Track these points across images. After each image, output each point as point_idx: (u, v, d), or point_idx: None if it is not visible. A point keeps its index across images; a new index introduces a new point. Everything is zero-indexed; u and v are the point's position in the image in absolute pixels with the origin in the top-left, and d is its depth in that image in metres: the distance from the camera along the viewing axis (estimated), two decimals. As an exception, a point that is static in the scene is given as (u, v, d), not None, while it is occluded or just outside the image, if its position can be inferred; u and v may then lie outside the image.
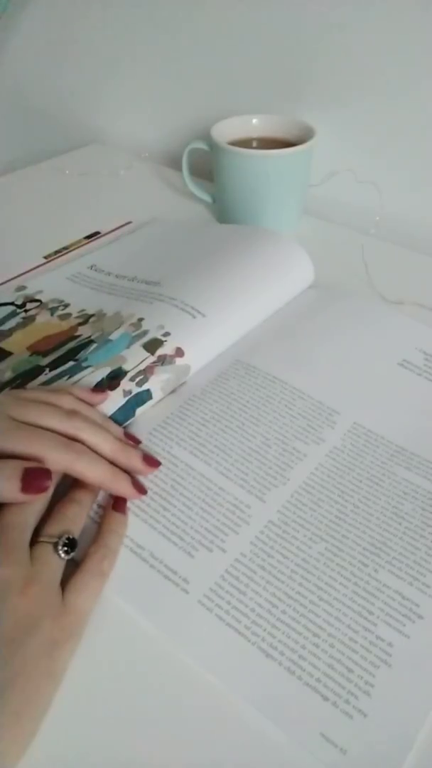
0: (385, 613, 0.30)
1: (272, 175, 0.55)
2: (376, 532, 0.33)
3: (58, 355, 0.43)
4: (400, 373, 0.43)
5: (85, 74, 0.82)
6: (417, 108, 0.56)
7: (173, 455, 0.37)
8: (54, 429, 0.32)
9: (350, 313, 0.48)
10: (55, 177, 0.72)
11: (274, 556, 0.32)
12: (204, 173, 0.63)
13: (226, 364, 0.43)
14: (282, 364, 0.43)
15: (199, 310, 0.43)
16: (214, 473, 0.36)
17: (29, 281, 0.52)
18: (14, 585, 0.27)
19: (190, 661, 0.28)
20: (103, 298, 0.49)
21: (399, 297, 0.51)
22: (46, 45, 0.83)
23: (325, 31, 0.57)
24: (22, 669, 0.25)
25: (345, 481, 0.36)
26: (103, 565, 0.30)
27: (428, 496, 0.35)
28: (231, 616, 0.30)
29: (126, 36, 0.73)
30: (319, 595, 0.30)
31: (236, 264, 0.48)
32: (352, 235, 0.60)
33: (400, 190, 0.60)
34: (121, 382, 0.39)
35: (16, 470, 0.30)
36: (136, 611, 0.30)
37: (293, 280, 0.50)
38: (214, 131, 0.57)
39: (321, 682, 0.27)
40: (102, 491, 0.34)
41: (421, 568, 0.31)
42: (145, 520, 0.34)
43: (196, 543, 0.33)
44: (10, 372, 0.41)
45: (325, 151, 0.60)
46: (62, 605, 0.28)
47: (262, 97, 0.64)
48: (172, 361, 0.40)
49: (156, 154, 0.78)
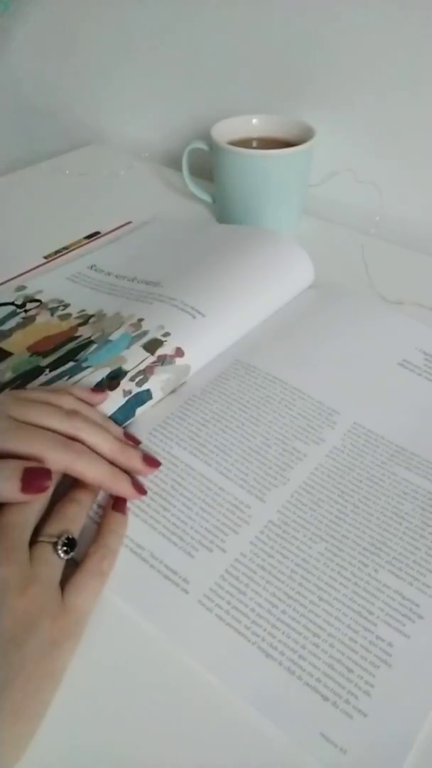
0: (385, 613, 0.30)
1: (272, 175, 0.55)
2: (376, 532, 0.33)
3: (58, 355, 0.43)
4: (400, 373, 0.43)
5: (86, 74, 0.82)
6: (417, 108, 0.56)
7: (173, 455, 0.37)
8: (54, 429, 0.32)
9: (350, 313, 0.48)
10: (55, 177, 0.72)
11: (274, 556, 0.32)
12: (204, 173, 0.63)
13: (226, 364, 0.43)
14: (282, 364, 0.43)
15: (198, 310, 0.43)
16: (214, 473, 0.36)
17: (29, 281, 0.52)
18: (13, 585, 0.27)
19: (190, 661, 0.28)
20: (103, 298, 0.49)
21: (399, 297, 0.51)
22: (47, 45, 0.83)
23: (326, 31, 0.57)
24: (21, 669, 0.25)
25: (345, 481, 0.36)
26: (103, 565, 0.30)
27: (428, 496, 0.35)
28: (231, 616, 0.30)
29: (126, 36, 0.73)
30: (319, 595, 0.30)
31: (236, 264, 0.48)
32: (352, 235, 0.60)
33: (400, 190, 0.60)
34: (121, 382, 0.39)
35: (16, 470, 0.30)
36: (136, 611, 0.30)
37: (293, 280, 0.50)
38: (214, 131, 0.57)
39: (321, 682, 0.27)
40: (102, 491, 0.34)
41: (421, 568, 0.31)
42: (145, 520, 0.34)
43: (196, 543, 0.33)
44: (11, 372, 0.41)
45: (325, 151, 0.60)
46: (62, 605, 0.28)
47: (262, 97, 0.64)
48: (172, 361, 0.40)
49: (156, 154, 0.78)
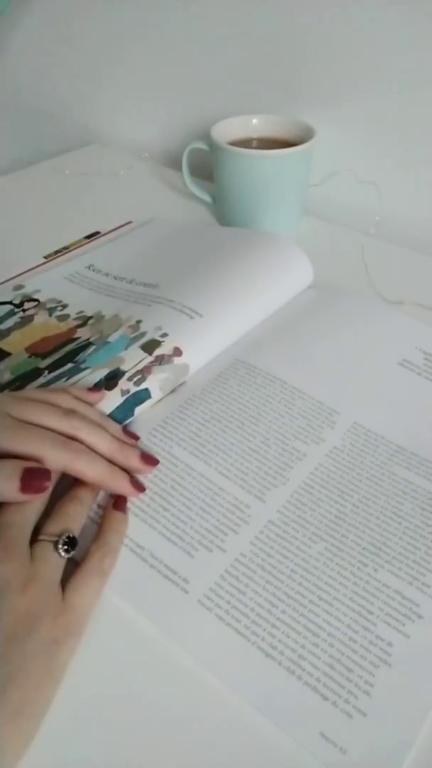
0: (385, 612, 0.30)
1: (272, 175, 0.55)
2: (376, 531, 0.33)
3: (57, 357, 0.43)
4: (400, 372, 0.43)
5: (86, 74, 0.82)
6: (417, 107, 0.56)
7: (173, 455, 0.37)
8: (52, 428, 0.32)
9: (350, 312, 0.48)
10: (55, 177, 0.72)
11: (274, 556, 0.32)
12: (204, 173, 0.63)
13: (226, 364, 0.43)
14: (282, 364, 0.43)
15: (196, 311, 0.43)
16: (213, 473, 0.36)
17: (27, 280, 0.52)
18: (14, 583, 0.27)
19: (190, 661, 0.28)
20: (101, 299, 0.49)
21: (399, 297, 0.51)
22: (47, 45, 0.83)
23: (326, 30, 0.57)
24: (21, 667, 0.25)
25: (345, 480, 0.36)
26: (104, 564, 0.30)
27: (428, 496, 0.35)
28: (231, 616, 0.30)
29: (126, 36, 0.73)
30: (318, 595, 0.30)
31: (233, 266, 0.48)
32: (352, 235, 0.60)
33: (400, 190, 0.60)
34: (119, 382, 0.39)
35: (15, 470, 0.30)
36: (136, 611, 0.30)
37: (291, 281, 0.50)
38: (214, 131, 0.57)
39: (321, 682, 0.27)
40: (102, 491, 0.34)
41: (421, 568, 0.31)
42: (145, 520, 0.34)
43: (196, 543, 0.33)
44: (9, 374, 0.41)
45: (325, 151, 0.60)
46: (62, 604, 0.28)
47: (262, 97, 0.64)
48: (170, 360, 0.40)
49: (156, 154, 0.78)
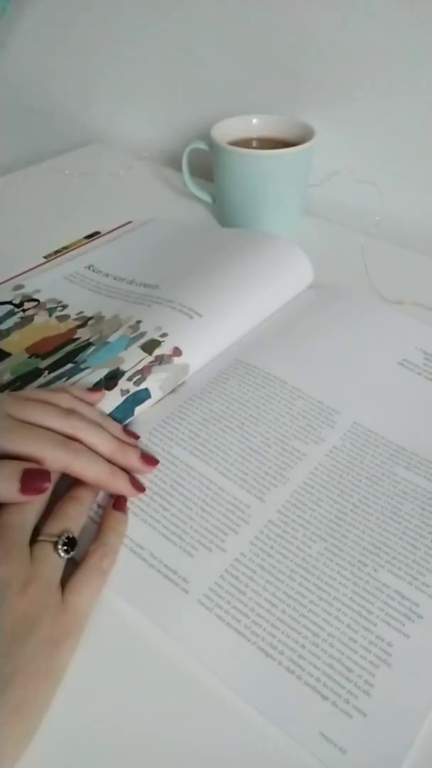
0: (385, 612, 0.30)
1: (272, 175, 0.55)
2: (376, 531, 0.33)
3: (57, 357, 0.43)
4: (400, 372, 0.43)
5: (86, 74, 0.82)
6: (417, 108, 0.56)
7: (173, 455, 0.37)
8: (52, 428, 0.32)
9: (350, 312, 0.48)
10: (55, 177, 0.72)
11: (274, 556, 0.32)
12: (204, 173, 0.63)
13: (226, 364, 0.43)
14: (282, 364, 0.43)
15: (196, 311, 0.44)
16: (213, 473, 0.36)
17: (27, 280, 0.52)
18: (14, 584, 0.27)
19: (190, 661, 0.28)
20: (101, 300, 0.49)
21: (399, 297, 0.51)
22: (46, 45, 0.83)
23: (325, 30, 0.57)
24: (21, 667, 0.25)
25: (344, 480, 0.36)
26: (103, 564, 0.30)
27: (428, 495, 0.35)
28: (231, 616, 0.30)
29: (126, 36, 0.73)
30: (318, 595, 0.30)
31: (233, 266, 0.48)
32: (352, 235, 0.60)
33: (400, 190, 0.60)
34: (119, 382, 0.39)
35: (15, 471, 0.30)
36: (136, 611, 0.30)
37: (291, 281, 0.50)
38: (214, 131, 0.57)
39: (321, 682, 0.27)
40: (102, 491, 0.34)
41: (421, 568, 0.31)
42: (145, 520, 0.34)
43: (196, 543, 0.33)
44: (9, 374, 0.41)
45: (325, 151, 0.60)
46: (62, 604, 0.28)
47: (262, 97, 0.64)
48: (169, 360, 0.40)
49: (156, 154, 0.78)
